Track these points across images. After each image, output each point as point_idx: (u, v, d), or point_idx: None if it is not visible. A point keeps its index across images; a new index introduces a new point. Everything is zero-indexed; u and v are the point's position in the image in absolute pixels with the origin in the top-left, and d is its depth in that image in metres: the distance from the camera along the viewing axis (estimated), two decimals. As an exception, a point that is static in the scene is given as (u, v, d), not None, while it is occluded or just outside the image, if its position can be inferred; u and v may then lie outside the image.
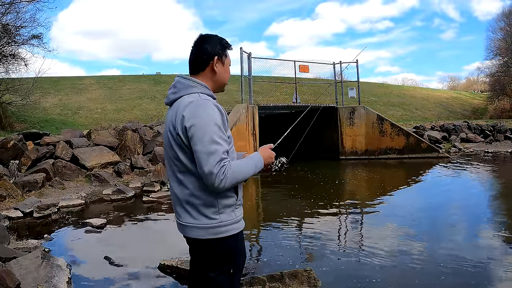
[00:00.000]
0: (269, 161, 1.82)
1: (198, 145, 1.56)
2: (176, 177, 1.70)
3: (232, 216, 1.70)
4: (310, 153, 14.01)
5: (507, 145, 14.92)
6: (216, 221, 1.66)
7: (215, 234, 1.66)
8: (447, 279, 3.29)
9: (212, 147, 1.56)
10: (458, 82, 64.85)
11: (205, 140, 1.56)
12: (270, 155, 1.83)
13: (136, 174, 8.65)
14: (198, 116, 1.59)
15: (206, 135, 1.56)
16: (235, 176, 1.59)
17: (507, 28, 32.01)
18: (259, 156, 1.77)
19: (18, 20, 14.99)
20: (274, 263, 3.77)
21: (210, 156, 1.55)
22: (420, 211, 5.94)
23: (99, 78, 28.74)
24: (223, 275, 1.70)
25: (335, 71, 13.83)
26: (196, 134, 1.57)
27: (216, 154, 1.55)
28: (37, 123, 15.87)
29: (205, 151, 1.55)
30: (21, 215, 5.68)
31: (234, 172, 1.59)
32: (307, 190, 8.15)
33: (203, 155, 1.55)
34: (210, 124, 1.58)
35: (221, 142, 1.59)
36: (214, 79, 1.79)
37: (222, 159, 1.57)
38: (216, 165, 1.54)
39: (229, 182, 1.57)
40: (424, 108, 30.59)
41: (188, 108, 1.62)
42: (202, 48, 1.75)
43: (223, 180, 1.55)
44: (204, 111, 1.60)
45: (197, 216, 1.66)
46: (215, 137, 1.57)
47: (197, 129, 1.57)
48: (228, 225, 1.68)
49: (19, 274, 3.03)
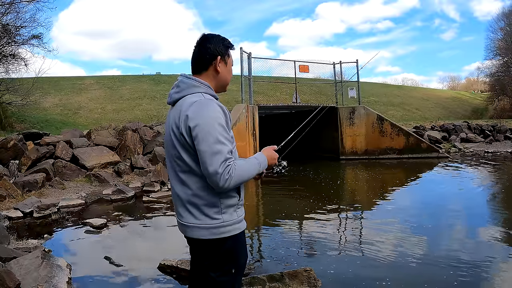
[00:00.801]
0: (272, 162, 1.82)
1: (203, 145, 1.56)
2: (178, 177, 1.69)
3: (234, 216, 1.70)
4: (310, 153, 14.01)
5: (507, 145, 14.92)
6: (218, 221, 1.65)
7: (217, 234, 1.66)
8: (447, 278, 3.29)
9: (217, 147, 1.55)
10: (458, 82, 64.92)
11: (210, 140, 1.55)
12: (274, 156, 1.83)
13: (136, 174, 8.65)
14: (203, 115, 1.58)
15: (211, 135, 1.56)
16: (240, 176, 1.59)
17: (507, 28, 32.02)
18: (263, 156, 1.76)
19: (18, 20, 15.02)
20: (274, 263, 3.77)
21: (215, 156, 1.54)
22: (420, 211, 5.94)
23: (99, 78, 28.74)
24: (225, 276, 1.69)
25: (335, 71, 13.85)
26: (200, 134, 1.56)
27: (221, 154, 1.55)
28: (37, 123, 15.87)
29: (210, 151, 1.55)
30: (21, 215, 5.68)
31: (239, 171, 1.58)
32: (307, 190, 8.15)
33: (207, 155, 1.55)
34: (214, 124, 1.58)
35: (225, 142, 1.58)
36: (217, 79, 1.78)
37: (227, 158, 1.56)
38: (221, 164, 1.54)
39: (234, 182, 1.57)
40: (424, 108, 30.59)
41: (192, 108, 1.61)
42: (205, 48, 1.74)
43: (228, 179, 1.54)
44: (208, 111, 1.59)
45: (200, 216, 1.66)
46: (220, 137, 1.57)
47: (201, 129, 1.56)
48: (230, 225, 1.68)
49: (19, 274, 3.02)
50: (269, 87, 16.46)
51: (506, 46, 31.42)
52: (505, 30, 32.25)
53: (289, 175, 9.49)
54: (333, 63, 13.81)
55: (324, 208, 6.24)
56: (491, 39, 33.60)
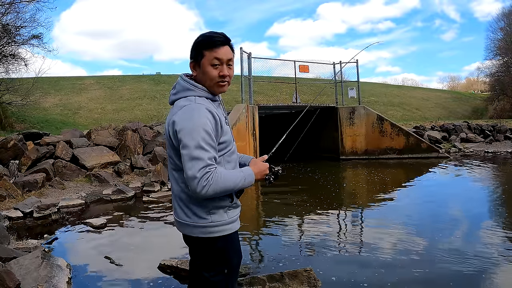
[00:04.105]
0: (261, 177, 1.78)
1: (185, 149, 1.56)
2: (172, 174, 1.75)
3: (225, 217, 1.69)
4: (310, 153, 14.01)
5: (507, 145, 14.92)
6: (206, 221, 1.66)
7: (206, 233, 1.67)
8: (447, 278, 3.29)
9: (197, 152, 1.54)
10: (458, 82, 64.84)
11: (191, 145, 1.55)
12: (262, 170, 1.78)
13: (136, 174, 8.65)
14: (188, 120, 1.58)
15: (193, 140, 1.55)
16: (220, 185, 1.55)
17: (507, 28, 32.05)
18: (250, 170, 1.71)
19: (18, 20, 15.01)
20: (274, 263, 3.77)
21: (194, 161, 1.53)
22: (420, 211, 5.94)
23: (99, 78, 28.75)
24: (217, 276, 1.70)
25: (335, 71, 13.83)
26: (184, 138, 1.57)
27: (201, 160, 1.53)
28: (37, 123, 15.86)
29: (190, 156, 1.54)
30: (21, 215, 5.68)
31: (219, 179, 1.55)
32: (307, 190, 8.15)
33: (188, 159, 1.55)
34: (198, 130, 1.56)
35: (208, 148, 1.56)
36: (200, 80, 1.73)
37: (207, 165, 1.54)
38: (200, 170, 1.52)
39: (212, 190, 1.53)
40: (424, 108, 30.58)
41: (180, 113, 1.63)
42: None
43: (205, 186, 1.52)
44: (194, 116, 1.59)
45: (189, 214, 1.68)
46: (202, 142, 1.55)
47: (185, 134, 1.57)
48: (219, 226, 1.68)
49: (19, 274, 3.03)
50: (269, 87, 16.44)
51: (506, 46, 31.44)
52: (505, 30, 32.28)
53: (289, 175, 9.49)
54: (333, 63, 13.81)
55: (324, 208, 6.24)
56: (491, 39, 33.69)
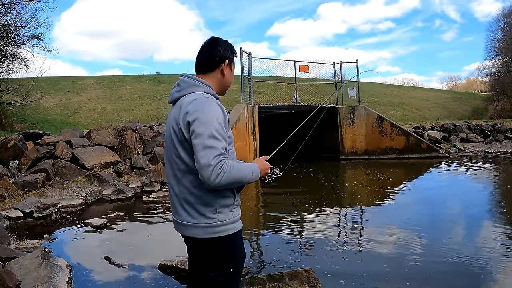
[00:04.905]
0: (264, 174, 1.84)
1: (198, 139, 1.56)
2: (176, 175, 1.72)
3: (230, 216, 1.71)
4: (310, 153, 14.00)
5: (507, 145, 14.92)
6: (213, 221, 1.67)
7: (212, 233, 1.67)
8: (448, 278, 3.29)
9: (211, 141, 1.55)
10: (458, 82, 64.81)
11: (205, 135, 1.56)
12: (265, 167, 1.84)
13: (136, 174, 8.65)
14: (201, 111, 1.60)
15: (207, 130, 1.56)
16: (232, 175, 1.56)
17: (507, 28, 32.03)
18: (256, 165, 1.76)
19: (18, 20, 14.99)
20: (274, 263, 3.77)
21: (208, 149, 1.54)
22: (420, 211, 5.94)
23: (99, 78, 28.74)
24: (223, 275, 1.70)
25: (335, 71, 13.85)
26: (197, 128, 1.58)
27: (214, 148, 1.55)
28: (37, 123, 15.86)
29: (204, 144, 1.55)
30: (21, 215, 5.68)
31: (232, 169, 1.56)
32: (307, 190, 8.14)
33: (201, 148, 1.55)
34: (212, 120, 1.59)
35: (221, 138, 1.59)
36: (221, 81, 1.82)
37: (221, 153, 1.56)
38: (214, 158, 1.53)
39: (225, 179, 1.54)
40: (424, 108, 30.57)
41: (192, 104, 1.63)
42: (215, 50, 1.78)
43: (220, 174, 1.52)
44: (207, 108, 1.62)
45: (195, 215, 1.67)
46: (215, 133, 1.57)
47: (199, 124, 1.58)
48: (225, 225, 1.69)
49: (19, 274, 3.03)
50: (269, 87, 16.46)
51: (506, 46, 31.42)
52: (505, 30, 32.26)
53: (289, 175, 9.48)
54: (333, 63, 13.82)
55: (324, 208, 6.24)
56: (491, 39, 33.64)
